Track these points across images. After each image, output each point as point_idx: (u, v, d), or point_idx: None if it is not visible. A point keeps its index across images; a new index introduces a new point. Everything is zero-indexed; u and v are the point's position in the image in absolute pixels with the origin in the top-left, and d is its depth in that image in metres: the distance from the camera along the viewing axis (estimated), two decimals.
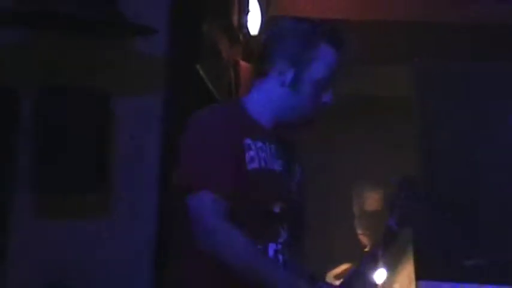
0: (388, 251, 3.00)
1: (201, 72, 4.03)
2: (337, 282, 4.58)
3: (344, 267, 5.00)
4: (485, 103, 4.62)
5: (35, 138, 3.64)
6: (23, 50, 3.77)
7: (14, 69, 3.76)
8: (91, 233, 3.77)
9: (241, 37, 5.24)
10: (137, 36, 3.73)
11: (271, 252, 2.56)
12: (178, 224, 2.70)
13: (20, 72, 3.72)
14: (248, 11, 5.20)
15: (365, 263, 3.10)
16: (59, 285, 3.66)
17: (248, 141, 2.62)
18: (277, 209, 2.64)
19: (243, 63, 5.15)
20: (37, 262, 3.68)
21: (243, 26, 5.26)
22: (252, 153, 2.62)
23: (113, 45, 3.77)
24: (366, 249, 4.89)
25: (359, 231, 5.14)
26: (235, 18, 5.05)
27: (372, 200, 5.00)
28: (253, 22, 5.33)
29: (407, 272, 4.68)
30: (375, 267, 3.09)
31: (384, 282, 4.39)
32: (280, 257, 2.59)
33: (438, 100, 4.58)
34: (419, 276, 4.46)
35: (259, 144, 2.66)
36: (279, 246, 2.60)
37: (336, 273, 5.03)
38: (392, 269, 4.83)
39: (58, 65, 3.72)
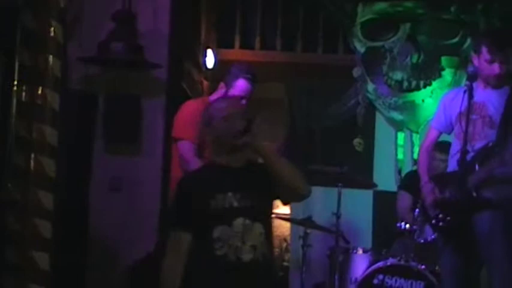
0: None
1: (184, 86, 6.71)
2: None
3: None
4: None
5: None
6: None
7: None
8: None
9: (203, 68, 7.70)
10: (152, 69, 6.14)
11: None
12: None
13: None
14: (206, 55, 7.72)
15: None
16: None
17: None
18: None
19: (204, 82, 7.75)
20: None
21: (204, 61, 7.70)
22: None
23: (140, 73, 6.21)
24: None
25: None
26: (200, 58, 7.63)
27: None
28: (209, 60, 7.80)
29: None
30: None
31: None
32: None
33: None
34: None
35: None
36: None
37: None
38: None
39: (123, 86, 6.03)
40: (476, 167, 4.83)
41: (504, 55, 4.91)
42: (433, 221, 4.96)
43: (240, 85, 5.19)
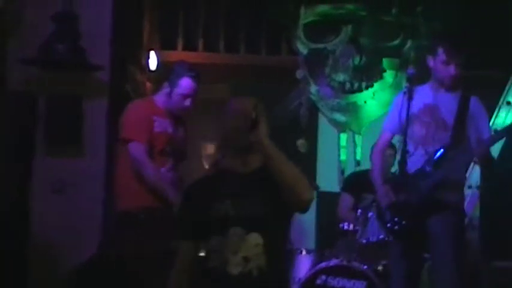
0: None
1: (127, 88, 6.69)
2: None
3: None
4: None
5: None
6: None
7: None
8: None
9: (146, 70, 7.57)
10: (94, 71, 6.04)
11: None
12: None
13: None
14: (149, 57, 7.65)
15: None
16: None
17: (155, 117, 4.98)
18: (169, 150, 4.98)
19: (147, 83, 7.68)
20: None
21: (147, 63, 7.62)
22: (156, 123, 4.95)
23: (82, 74, 6.10)
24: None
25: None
26: (143, 60, 7.57)
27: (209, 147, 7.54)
28: (152, 62, 7.70)
29: None
30: None
31: None
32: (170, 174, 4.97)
33: None
34: None
35: (160, 119, 4.99)
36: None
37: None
38: None
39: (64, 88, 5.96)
40: (430, 170, 4.88)
41: (460, 58, 4.97)
42: (388, 225, 4.99)
43: (185, 83, 5.14)
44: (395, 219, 4.91)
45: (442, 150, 4.88)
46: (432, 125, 4.95)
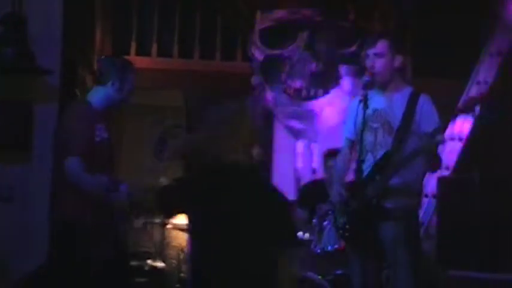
0: None
1: (77, 92, 6.69)
2: None
3: None
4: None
5: None
6: None
7: None
8: None
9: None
10: (44, 75, 5.88)
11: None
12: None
13: None
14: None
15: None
16: None
17: (98, 125, 4.77)
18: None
19: None
20: None
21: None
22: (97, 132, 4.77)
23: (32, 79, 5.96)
24: None
25: None
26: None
27: None
28: None
29: None
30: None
31: None
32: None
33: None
34: None
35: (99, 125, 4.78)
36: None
37: None
38: None
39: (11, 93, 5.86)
40: (378, 176, 4.87)
41: (381, 48, 4.95)
42: (340, 231, 5.03)
43: (133, 78, 5.04)
44: (346, 226, 4.94)
45: (386, 155, 4.88)
46: (379, 130, 4.94)
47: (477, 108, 4.76)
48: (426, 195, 6.91)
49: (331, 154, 6.65)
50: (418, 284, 4.90)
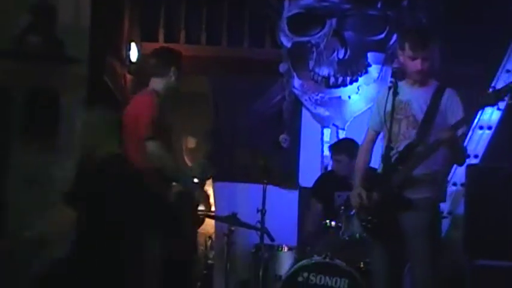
0: None
1: (106, 79, 6.67)
2: None
3: None
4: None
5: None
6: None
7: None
8: None
9: (126, 62, 7.67)
10: (72, 63, 5.95)
11: None
12: None
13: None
14: (130, 49, 7.70)
15: None
16: None
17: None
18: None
19: (127, 76, 7.75)
20: None
21: (128, 56, 7.70)
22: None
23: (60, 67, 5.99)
24: None
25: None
26: (124, 52, 7.62)
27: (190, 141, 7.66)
28: (133, 55, 7.78)
29: None
30: None
31: None
32: None
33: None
34: None
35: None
36: None
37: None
38: None
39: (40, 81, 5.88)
40: (400, 167, 4.89)
41: (427, 52, 4.97)
42: (363, 223, 5.06)
43: None
44: (368, 217, 5.00)
45: (409, 146, 4.92)
46: (403, 122, 4.98)
47: (506, 98, 4.67)
48: (455, 184, 6.99)
49: (338, 147, 6.89)
50: (440, 274, 4.94)
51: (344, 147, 6.75)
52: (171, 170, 5.23)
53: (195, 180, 5.50)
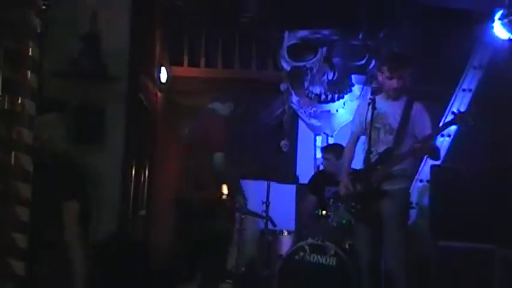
0: None
1: (141, 96, 6.73)
2: None
3: None
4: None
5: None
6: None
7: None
8: None
9: (157, 82, 7.70)
10: (114, 82, 5.93)
11: None
12: None
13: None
14: (160, 71, 7.71)
15: None
16: None
17: None
18: None
19: (158, 93, 7.77)
20: None
21: (158, 77, 7.70)
22: None
23: (104, 85, 5.97)
24: None
25: None
26: (155, 73, 7.62)
27: None
28: (162, 75, 7.78)
29: None
30: None
31: None
32: None
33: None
34: None
35: None
36: None
37: None
38: None
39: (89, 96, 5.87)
40: (379, 166, 4.99)
41: (401, 73, 5.03)
42: (349, 209, 5.15)
43: None
44: (352, 204, 5.07)
45: (387, 150, 4.99)
46: (382, 130, 5.03)
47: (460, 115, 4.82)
48: (421, 180, 6.95)
49: (328, 149, 6.82)
50: (409, 253, 5.00)
51: (332, 149, 6.77)
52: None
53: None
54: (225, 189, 5.32)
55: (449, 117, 5.63)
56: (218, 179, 5.20)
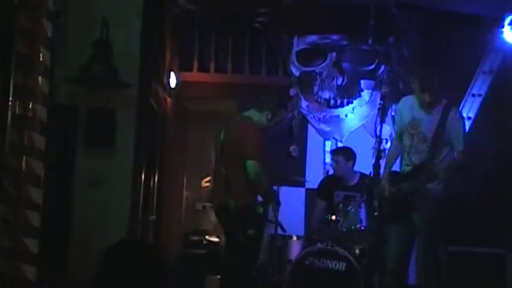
0: None
1: (151, 101, 6.71)
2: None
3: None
4: None
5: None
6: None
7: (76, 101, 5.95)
8: None
9: (167, 87, 7.64)
10: (125, 87, 5.86)
11: None
12: None
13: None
14: (170, 76, 7.68)
15: None
16: None
17: None
18: None
19: (168, 99, 7.77)
20: None
21: (168, 82, 7.68)
22: None
23: (115, 90, 5.98)
24: None
25: None
26: (165, 79, 7.59)
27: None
28: (172, 81, 7.74)
29: None
30: None
31: None
32: None
33: None
34: None
35: None
36: None
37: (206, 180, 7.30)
38: None
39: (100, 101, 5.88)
40: (411, 176, 4.95)
41: (432, 88, 4.97)
42: (375, 213, 5.11)
43: None
44: (379, 206, 5.05)
45: (422, 162, 4.92)
46: (415, 137, 4.97)
47: None
48: None
49: (337, 151, 6.83)
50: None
51: (341, 151, 6.77)
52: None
53: None
54: (258, 197, 5.32)
55: None
56: (251, 186, 5.16)
